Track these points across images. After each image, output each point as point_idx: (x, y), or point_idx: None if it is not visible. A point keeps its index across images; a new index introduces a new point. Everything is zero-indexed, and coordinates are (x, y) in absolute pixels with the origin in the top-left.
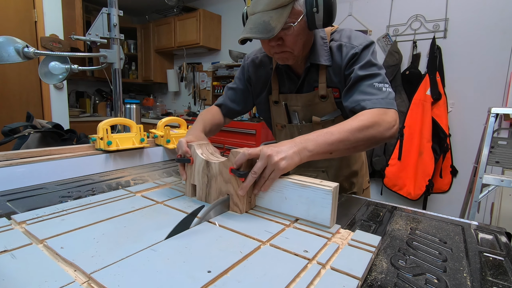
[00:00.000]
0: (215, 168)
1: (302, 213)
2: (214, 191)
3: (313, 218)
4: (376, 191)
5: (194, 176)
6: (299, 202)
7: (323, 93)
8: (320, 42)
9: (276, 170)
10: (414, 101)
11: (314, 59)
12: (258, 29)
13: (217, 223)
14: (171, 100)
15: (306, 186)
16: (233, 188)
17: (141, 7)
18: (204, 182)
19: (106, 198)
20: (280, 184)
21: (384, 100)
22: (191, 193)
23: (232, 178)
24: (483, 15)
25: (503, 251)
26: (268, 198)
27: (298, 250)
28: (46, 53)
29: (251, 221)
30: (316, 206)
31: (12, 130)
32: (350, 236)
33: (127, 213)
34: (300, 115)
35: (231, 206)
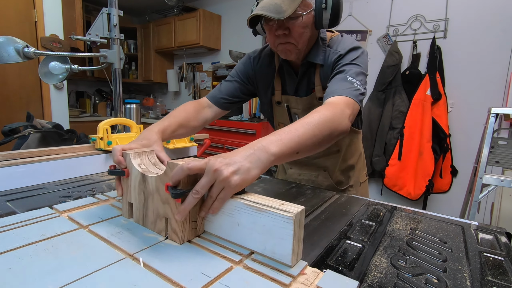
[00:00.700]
0: (152, 183)
1: (257, 245)
2: (151, 213)
3: (270, 253)
4: (376, 191)
5: (131, 192)
6: (254, 231)
7: (320, 95)
8: (320, 43)
9: (226, 188)
10: (414, 101)
11: (311, 57)
12: (269, 9)
13: (142, 261)
14: (171, 100)
15: (261, 211)
16: (171, 211)
17: (141, 7)
18: (141, 200)
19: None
20: (231, 206)
21: (348, 90)
22: (128, 213)
23: (171, 198)
24: (483, 15)
25: (503, 251)
26: (218, 223)
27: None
28: (46, 53)
29: (189, 256)
30: (273, 237)
31: (12, 130)
32: (318, 279)
33: (28, 245)
34: (300, 117)
35: (169, 234)
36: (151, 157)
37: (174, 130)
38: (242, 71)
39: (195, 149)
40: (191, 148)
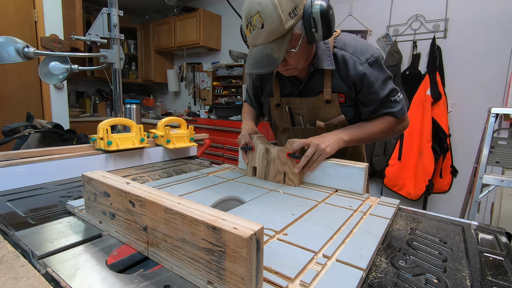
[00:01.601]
0: (274, 153)
1: (341, 185)
2: (272, 171)
3: (349, 189)
4: (376, 191)
5: (255, 160)
6: (339, 178)
7: (328, 97)
8: (323, 47)
9: (323, 154)
10: (414, 101)
11: (317, 64)
12: (262, 63)
13: (281, 191)
14: (171, 100)
15: (344, 165)
16: (289, 168)
17: (141, 7)
18: (264, 164)
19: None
20: (323, 165)
21: (402, 110)
22: (251, 173)
23: (288, 160)
24: (483, 15)
25: (503, 251)
26: (314, 176)
27: (345, 206)
28: (46, 53)
29: (304, 191)
30: (352, 180)
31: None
32: (378, 200)
33: (217, 184)
34: (304, 118)
35: (287, 181)
36: (263, 139)
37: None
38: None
39: (195, 149)
40: (191, 148)
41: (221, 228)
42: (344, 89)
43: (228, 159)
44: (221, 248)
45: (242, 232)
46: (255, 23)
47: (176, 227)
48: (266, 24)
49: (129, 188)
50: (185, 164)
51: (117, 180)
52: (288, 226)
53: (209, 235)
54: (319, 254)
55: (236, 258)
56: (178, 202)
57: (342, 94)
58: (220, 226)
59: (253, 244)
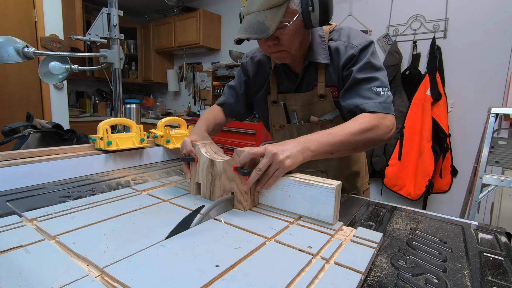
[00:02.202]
0: (219, 166)
1: (305, 210)
2: (218, 189)
3: (316, 216)
4: (376, 191)
5: (199, 174)
6: (303, 200)
7: (322, 92)
8: (318, 40)
9: (280, 168)
10: (414, 101)
11: (312, 57)
12: (253, 29)
13: (223, 220)
14: (171, 100)
15: (309, 184)
16: (237, 186)
17: (141, 7)
18: (209, 180)
19: (114, 196)
20: (283, 182)
21: (381, 105)
22: (195, 191)
23: (236, 176)
24: (483, 15)
25: (503, 251)
26: (272, 196)
27: (302, 246)
28: (46, 53)
29: (255, 218)
30: (319, 204)
31: (12, 130)
32: (353, 233)
33: (135, 211)
34: (299, 115)
35: (236, 204)
36: (212, 147)
37: (212, 129)
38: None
39: None
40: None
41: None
42: (336, 82)
43: None
44: None
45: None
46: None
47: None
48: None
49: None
50: None
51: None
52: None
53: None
54: None
55: None
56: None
57: (334, 87)
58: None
59: None
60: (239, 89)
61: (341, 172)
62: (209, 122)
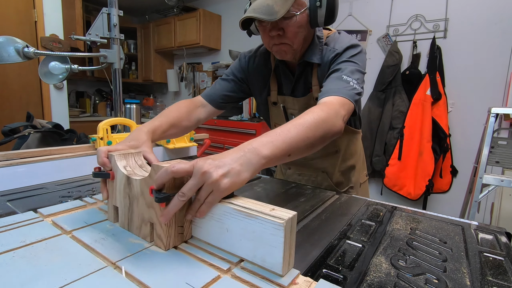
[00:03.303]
0: (137, 186)
1: (247, 252)
2: (136, 217)
3: (260, 261)
4: (376, 191)
5: (116, 195)
6: (243, 237)
7: (317, 95)
8: (316, 41)
9: (215, 191)
10: (414, 101)
11: (308, 57)
12: (261, 11)
13: (123, 270)
14: (171, 100)
15: (251, 216)
16: (156, 215)
17: (141, 7)
18: (126, 204)
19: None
20: (219, 211)
21: (344, 90)
22: (113, 217)
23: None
24: (483, 15)
25: (503, 251)
26: (206, 228)
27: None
28: (46, 53)
29: (174, 264)
30: (264, 245)
31: (12, 130)
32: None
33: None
34: None
35: (154, 239)
36: (138, 158)
37: (165, 130)
38: (237, 69)
39: (195, 149)
40: (191, 148)
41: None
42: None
43: None
44: None
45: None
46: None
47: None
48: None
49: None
50: None
51: None
52: None
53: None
54: None
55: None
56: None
57: None
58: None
59: None
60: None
61: (338, 167)
62: (163, 122)
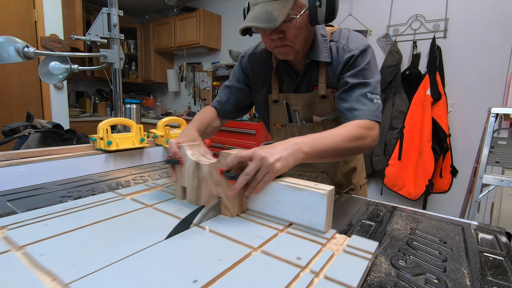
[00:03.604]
0: (205, 170)
1: (296, 217)
2: (205, 194)
3: (307, 223)
4: (376, 191)
5: (184, 178)
6: (293, 206)
7: (323, 93)
8: (320, 39)
9: (270, 172)
10: (414, 101)
11: (314, 55)
12: (260, 19)
13: (207, 228)
14: (171, 100)
15: (300, 190)
16: (223, 191)
17: (141, 7)
18: (194, 184)
19: (94, 202)
20: (273, 187)
21: (374, 113)
22: (181, 195)
23: (223, 181)
24: (483, 15)
25: (503, 251)
26: (261, 202)
27: (290, 257)
28: (46, 53)
29: (242, 225)
30: (310, 210)
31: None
32: (346, 241)
33: (114, 217)
34: (300, 114)
35: (222, 210)
36: (200, 149)
37: (204, 130)
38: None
39: None
40: None
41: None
42: (335, 84)
43: None
44: None
45: None
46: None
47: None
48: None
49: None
50: None
51: None
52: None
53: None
54: None
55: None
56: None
57: (335, 89)
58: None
59: None
60: (235, 88)
61: (340, 168)
62: (202, 123)
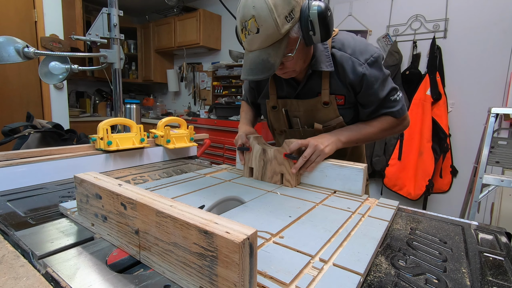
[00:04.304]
0: (271, 153)
1: (339, 186)
2: (269, 172)
3: (348, 190)
4: (376, 191)
5: (252, 160)
6: (337, 179)
7: (326, 99)
8: (321, 48)
9: (321, 155)
10: (414, 101)
11: (316, 66)
12: (258, 69)
13: (279, 193)
14: (171, 100)
15: (343, 166)
16: (286, 169)
17: (141, 7)
18: (261, 165)
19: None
20: (321, 166)
21: (402, 110)
22: (248, 174)
23: (285, 161)
24: (483, 15)
25: (503, 251)
26: (311, 176)
27: (343, 207)
28: (46, 53)
29: (301, 192)
30: (350, 181)
31: (12, 130)
32: (377, 201)
33: (217, 185)
34: (302, 120)
35: (284, 183)
36: (260, 139)
37: (253, 122)
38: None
39: (195, 149)
40: (191, 148)
41: (213, 232)
42: (344, 91)
43: (228, 159)
44: (213, 253)
45: (235, 237)
46: (250, 28)
47: (168, 231)
48: (262, 29)
49: (121, 190)
50: (185, 164)
51: (109, 181)
52: (285, 229)
53: (201, 239)
54: (315, 258)
55: (228, 264)
56: (171, 205)
57: (341, 96)
58: (212, 230)
59: (246, 249)
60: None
61: None
62: (251, 117)
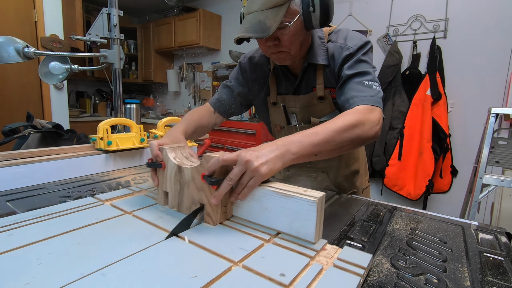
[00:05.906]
0: (188, 174)
1: (284, 226)
2: (187, 199)
3: (296, 233)
4: (376, 191)
5: (166, 182)
6: (281, 214)
7: (321, 94)
8: (318, 41)
9: (256, 176)
10: (414, 101)
11: (312, 58)
12: (253, 29)
13: (187, 238)
14: (171, 100)
15: (288, 196)
16: (206, 197)
17: (141, 7)
18: (177, 189)
19: (69, 208)
20: (259, 193)
21: (372, 98)
22: (163, 201)
23: (205, 186)
24: (483, 15)
25: (503, 251)
26: (247, 208)
27: (274, 274)
28: (46, 53)
29: (225, 235)
30: (299, 219)
31: (12, 130)
32: (337, 253)
33: (87, 226)
34: (298, 116)
35: (205, 217)
36: (183, 151)
37: (193, 131)
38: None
39: (195, 149)
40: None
41: None
42: (334, 84)
43: None
44: None
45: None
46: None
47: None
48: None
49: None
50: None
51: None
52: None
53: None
54: None
55: None
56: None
57: (334, 89)
58: None
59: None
60: (235, 88)
61: (341, 171)
62: (190, 123)
